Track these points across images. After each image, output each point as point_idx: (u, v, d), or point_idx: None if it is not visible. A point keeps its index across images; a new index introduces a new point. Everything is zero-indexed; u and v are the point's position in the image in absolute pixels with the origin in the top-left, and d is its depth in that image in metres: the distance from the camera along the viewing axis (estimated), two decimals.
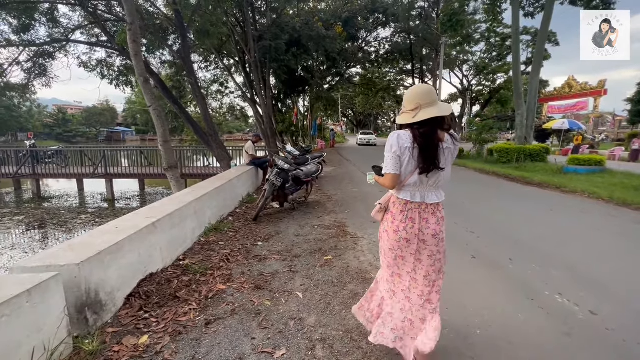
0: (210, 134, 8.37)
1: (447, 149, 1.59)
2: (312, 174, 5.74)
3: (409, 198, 1.64)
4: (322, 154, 9.24)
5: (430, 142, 1.54)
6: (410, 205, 1.65)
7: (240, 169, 6.98)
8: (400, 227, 1.66)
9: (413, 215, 1.64)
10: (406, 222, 1.65)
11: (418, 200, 1.64)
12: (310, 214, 5.32)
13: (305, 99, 24.89)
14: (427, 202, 1.64)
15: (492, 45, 35.56)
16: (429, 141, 1.54)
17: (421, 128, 1.54)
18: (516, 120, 12.87)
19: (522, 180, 8.61)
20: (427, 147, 1.54)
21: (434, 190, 1.66)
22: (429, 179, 1.60)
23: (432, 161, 1.54)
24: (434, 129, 1.55)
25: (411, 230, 1.64)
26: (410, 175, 1.60)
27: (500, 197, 6.63)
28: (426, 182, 1.61)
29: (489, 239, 3.92)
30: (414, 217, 1.64)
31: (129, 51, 5.01)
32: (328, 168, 11.15)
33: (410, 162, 1.57)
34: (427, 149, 1.54)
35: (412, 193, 1.64)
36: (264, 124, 13.07)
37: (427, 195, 1.64)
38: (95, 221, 8.47)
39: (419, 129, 1.54)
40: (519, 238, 3.98)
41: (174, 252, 3.28)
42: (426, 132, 1.53)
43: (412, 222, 1.64)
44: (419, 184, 1.61)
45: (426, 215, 1.65)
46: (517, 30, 12.03)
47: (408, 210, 1.65)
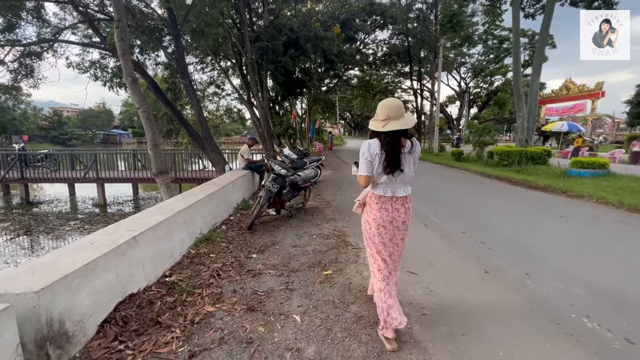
0: (205, 137, 8.08)
1: (408, 153, 1.98)
2: (310, 179, 5.47)
3: (382, 193, 2.05)
4: (320, 158, 8.98)
5: (393, 149, 1.94)
6: (384, 198, 2.05)
7: (236, 173, 6.70)
8: (377, 216, 2.06)
9: (387, 207, 2.05)
10: (381, 212, 2.05)
11: (389, 195, 2.04)
12: (309, 221, 5.04)
13: (302, 101, 24.67)
14: (397, 195, 2.05)
15: (490, 47, 35.67)
16: (393, 148, 1.94)
17: (387, 137, 1.93)
18: (517, 122, 12.69)
19: (526, 184, 8.39)
20: (391, 153, 1.94)
21: (402, 186, 2.07)
22: (395, 178, 2.00)
23: (395, 164, 1.94)
24: (398, 138, 1.94)
25: (386, 219, 2.04)
26: (381, 175, 2.00)
27: (507, 203, 6.38)
28: (394, 180, 2.01)
29: (500, 251, 3.66)
30: (388, 208, 2.05)
31: (117, 50, 4.73)
32: (326, 172, 10.89)
33: (380, 165, 1.97)
34: (391, 154, 1.94)
35: (384, 189, 2.04)
36: (260, 126, 12.79)
37: (396, 190, 2.05)
38: (84, 228, 8.13)
39: (386, 138, 1.94)
40: (532, 249, 3.72)
41: (159, 267, 2.99)
42: (391, 140, 1.93)
43: (387, 211, 2.05)
44: (389, 181, 2.02)
45: (397, 206, 2.06)
46: (517, 32, 11.87)
47: (382, 203, 2.06)
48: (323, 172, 10.17)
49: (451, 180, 9.59)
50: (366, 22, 20.99)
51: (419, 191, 7.10)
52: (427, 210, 5.48)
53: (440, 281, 2.92)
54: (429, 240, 4.03)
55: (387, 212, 2.05)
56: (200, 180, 10.07)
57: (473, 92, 41.96)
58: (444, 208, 5.57)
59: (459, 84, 41.41)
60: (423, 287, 2.82)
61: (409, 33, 22.79)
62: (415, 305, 2.51)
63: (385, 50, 27.50)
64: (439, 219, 4.96)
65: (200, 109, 8.01)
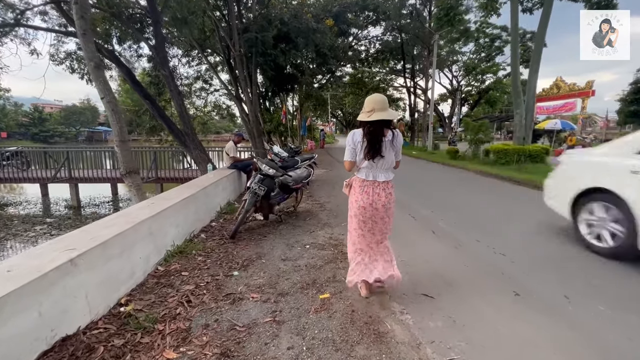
0: (187, 133, 7.39)
1: (389, 141, 2.22)
2: (302, 179, 4.89)
3: (364, 177, 2.30)
4: (313, 156, 8.39)
5: (375, 137, 2.19)
6: (366, 182, 2.30)
7: (220, 173, 6.06)
8: (359, 198, 2.30)
9: (368, 190, 2.29)
10: (362, 195, 2.29)
11: (371, 179, 2.29)
12: (300, 227, 4.46)
13: (294, 98, 24.01)
14: (378, 180, 2.29)
15: (481, 46, 35.64)
16: (375, 136, 2.19)
17: (371, 127, 2.19)
18: (515, 119, 12.36)
19: (529, 183, 7.97)
20: (373, 141, 2.18)
21: (383, 172, 2.29)
22: (376, 163, 2.23)
23: (376, 150, 2.18)
24: (381, 128, 2.19)
25: (367, 201, 2.28)
26: (363, 161, 2.24)
27: (516, 205, 5.92)
28: (375, 165, 2.24)
29: (525, 265, 3.15)
30: (369, 192, 2.28)
31: (76, 29, 4.05)
32: (319, 170, 10.32)
33: (362, 152, 2.23)
34: (373, 142, 2.18)
35: (366, 173, 2.29)
36: (249, 122, 12.12)
37: (377, 175, 2.29)
38: (52, 233, 7.37)
39: (370, 127, 2.19)
40: (560, 262, 3.22)
41: (111, 295, 2.36)
42: (374, 130, 2.18)
43: (367, 195, 2.28)
44: (370, 167, 2.26)
45: (378, 190, 2.29)
46: (515, 26, 11.50)
47: (364, 186, 2.30)
48: (316, 171, 9.58)
49: (451, 180, 9.13)
50: (359, 17, 20.44)
51: (420, 192, 6.62)
52: (433, 215, 4.96)
53: (463, 307, 2.38)
54: (441, 252, 3.50)
55: (367, 195, 2.29)
56: (183, 179, 9.37)
57: (465, 90, 42.07)
58: (451, 212, 5.06)
59: (451, 82, 41.41)
60: (444, 316, 2.27)
61: (403, 29, 22.34)
62: (438, 345, 1.96)
63: (378, 47, 27.07)
64: (448, 224, 4.44)
65: (181, 102, 7.32)
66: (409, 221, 4.66)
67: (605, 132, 27.66)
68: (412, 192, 6.79)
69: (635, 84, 17.72)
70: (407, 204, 5.67)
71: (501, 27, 32.47)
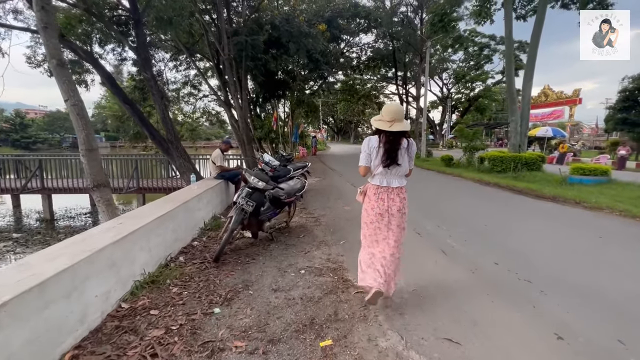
0: (170, 140, 6.83)
1: (404, 149, 2.31)
2: (296, 192, 4.41)
3: (378, 184, 2.38)
4: (306, 164, 7.95)
5: (394, 146, 2.28)
6: (380, 189, 2.38)
7: (204, 184, 5.53)
8: (375, 205, 2.38)
9: (383, 196, 2.37)
10: (378, 202, 2.37)
11: (385, 185, 2.37)
12: (294, 247, 3.97)
13: (285, 104, 23.62)
14: (392, 186, 2.37)
15: (470, 54, 36.17)
16: (394, 145, 2.28)
17: (391, 135, 2.28)
18: (510, 127, 12.20)
19: (530, 192, 7.68)
20: (391, 149, 2.28)
21: (397, 178, 2.39)
22: (391, 170, 2.33)
23: (392, 159, 2.29)
24: (399, 138, 2.30)
25: (383, 207, 2.36)
26: (377, 167, 2.34)
27: (523, 217, 5.56)
28: (389, 172, 2.34)
29: (557, 293, 2.72)
30: (384, 198, 2.37)
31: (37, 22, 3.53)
32: (312, 179, 9.85)
33: (377, 158, 2.32)
34: (391, 150, 2.28)
35: (380, 179, 2.38)
36: (239, 129, 11.61)
37: (391, 182, 2.37)
38: (16, 251, 6.66)
39: (389, 136, 2.29)
40: (598, 291, 2.81)
41: (50, 351, 1.82)
42: (394, 139, 2.29)
43: (382, 201, 2.37)
44: (385, 173, 2.35)
45: (392, 196, 2.37)
46: (510, 33, 11.40)
47: (379, 193, 2.38)
48: (309, 180, 9.12)
49: (451, 189, 8.79)
50: (350, 24, 20.30)
51: (422, 203, 6.17)
52: (439, 230, 4.53)
53: (498, 357, 1.92)
54: (457, 277, 3.05)
55: (383, 201, 2.35)
56: (168, 190, 8.78)
57: (455, 97, 42.56)
58: (458, 227, 4.64)
59: (441, 89, 41.91)
60: None
61: (395, 36, 22.30)
62: None
63: (370, 54, 27.06)
64: (457, 242, 4.01)
65: (165, 107, 6.77)
66: (414, 238, 4.22)
67: (594, 139, 28.15)
68: (412, 202, 6.36)
69: (624, 92, 17.93)
70: (410, 217, 5.24)
71: (489, 36, 33.11)
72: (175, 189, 7.73)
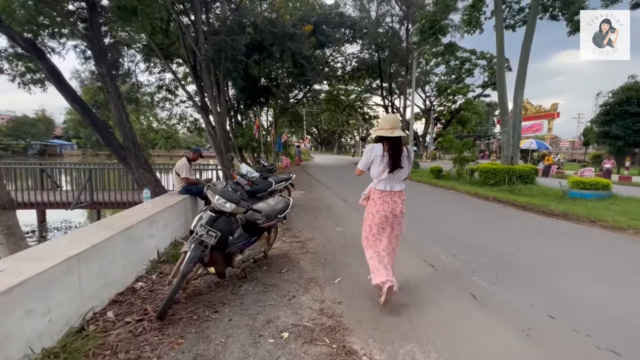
0: (128, 147, 5.68)
1: (405, 156, 2.55)
2: (277, 213, 3.45)
3: (382, 188, 2.56)
4: (290, 176, 6.99)
5: (397, 151, 2.50)
6: (384, 193, 2.56)
7: (162, 201, 4.45)
8: (380, 208, 2.56)
9: (387, 200, 2.56)
10: (384, 205, 2.56)
11: (389, 190, 2.56)
12: (274, 288, 2.98)
13: (268, 113, 22.72)
14: (394, 190, 2.57)
15: (452, 68, 36.90)
16: (397, 150, 2.50)
17: (394, 142, 2.50)
18: (502, 138, 11.77)
19: (536, 209, 7.04)
20: (395, 154, 2.49)
21: (398, 183, 2.60)
22: (394, 175, 2.53)
23: (396, 162, 2.49)
24: (400, 143, 2.52)
25: (388, 209, 2.56)
26: (382, 173, 2.52)
27: (547, 240, 4.81)
28: (393, 177, 2.55)
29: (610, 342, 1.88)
30: (388, 201, 2.56)
31: None
32: (297, 192, 8.89)
33: (380, 165, 2.52)
34: (395, 155, 2.49)
35: (384, 185, 2.55)
36: (216, 136, 10.53)
37: (394, 186, 2.57)
38: None
39: (392, 143, 2.50)
40: None
41: None
42: (397, 144, 2.50)
43: (387, 204, 2.56)
44: (388, 179, 2.55)
45: (395, 199, 2.57)
46: (501, 42, 11.08)
47: (384, 197, 2.56)
48: (293, 193, 8.15)
49: (448, 204, 8.05)
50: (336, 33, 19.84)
51: (424, 223, 5.24)
52: (457, 261, 3.66)
53: None
54: (505, 346, 2.14)
55: (387, 204, 2.55)
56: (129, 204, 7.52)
57: (437, 110, 43.16)
58: (478, 256, 3.79)
59: (424, 101, 42.40)
60: None
61: (381, 45, 22.04)
62: None
63: (354, 65, 26.79)
64: (486, 279, 3.14)
65: (122, 108, 5.64)
66: (428, 273, 3.33)
67: (572, 152, 28.85)
68: (414, 221, 5.54)
69: (605, 105, 18.24)
70: (415, 241, 4.37)
71: (470, 51, 33.90)
72: (136, 202, 6.52)
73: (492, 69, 36.29)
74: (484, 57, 35.96)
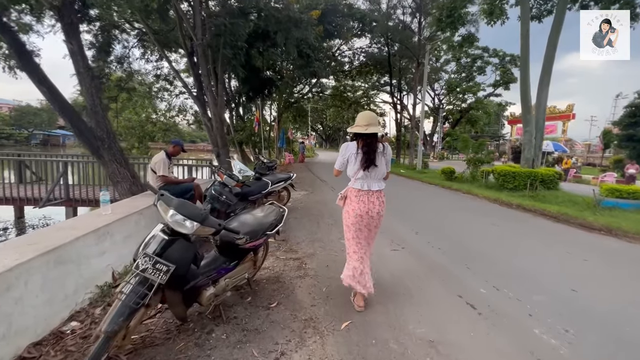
0: (101, 138, 4.85)
1: (380, 153, 2.44)
2: (266, 230, 2.59)
3: (359, 187, 2.46)
4: (290, 175, 6.15)
5: (371, 148, 2.41)
6: (361, 192, 2.45)
7: (130, 205, 3.63)
8: (356, 207, 2.45)
9: (364, 199, 2.44)
10: (359, 204, 2.44)
11: (365, 189, 2.45)
12: (257, 336, 2.13)
13: (272, 107, 21.86)
14: (372, 189, 2.45)
15: (462, 65, 35.68)
16: (371, 147, 2.41)
17: (368, 139, 2.41)
18: (524, 138, 10.80)
19: (570, 220, 6.11)
20: (369, 151, 2.40)
21: (376, 182, 2.48)
22: (370, 173, 2.42)
23: (370, 160, 2.39)
24: (375, 140, 2.43)
25: (363, 209, 2.43)
26: (357, 171, 2.43)
27: (594, 264, 3.92)
28: (369, 175, 2.43)
29: None
30: (364, 200, 2.44)
31: None
32: (298, 193, 8.05)
33: (355, 163, 2.43)
34: (369, 152, 2.40)
35: (362, 183, 2.45)
36: (212, 128, 9.72)
37: (371, 185, 2.46)
38: None
39: (366, 140, 2.41)
40: None
41: None
42: (370, 141, 2.41)
43: (364, 203, 2.44)
44: (365, 177, 2.44)
45: (372, 199, 2.45)
46: (527, 33, 10.07)
47: (360, 196, 2.45)
48: (294, 194, 7.32)
49: (470, 214, 7.15)
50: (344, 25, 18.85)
51: (448, 239, 4.23)
52: (505, 299, 2.78)
53: None
54: None
55: (364, 204, 2.43)
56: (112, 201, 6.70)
57: (446, 108, 41.95)
58: (530, 293, 2.87)
59: (433, 100, 41.19)
60: None
61: (392, 38, 21.00)
62: None
63: (362, 60, 25.79)
64: (555, 335, 2.24)
65: (95, 92, 4.79)
66: (468, 316, 2.47)
67: (587, 156, 27.59)
68: (437, 237, 4.68)
69: (631, 107, 17.09)
70: (440, 265, 3.50)
71: (482, 48, 32.69)
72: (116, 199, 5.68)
73: (505, 67, 35.07)
74: (496, 54, 34.66)
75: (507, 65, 34.05)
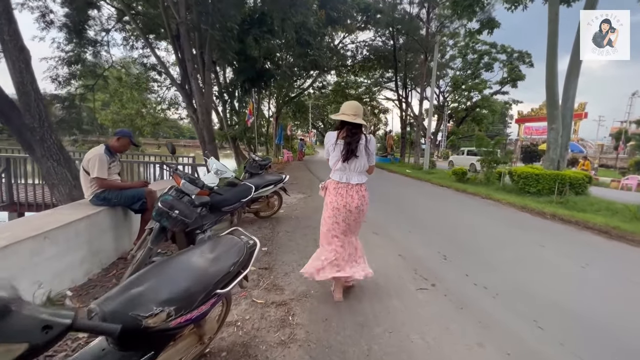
0: (32, 128, 3.69)
1: (363, 145, 2.32)
2: (216, 286, 1.42)
3: (338, 179, 2.40)
4: (282, 177, 5.01)
5: (354, 139, 2.30)
6: (340, 184, 2.40)
7: (44, 220, 2.48)
8: (333, 199, 2.40)
9: (342, 192, 2.38)
10: (337, 196, 2.39)
11: (344, 182, 2.38)
12: None
13: (270, 102, 20.68)
14: (351, 182, 2.38)
15: (468, 62, 34.41)
16: (354, 137, 2.30)
17: (353, 129, 2.31)
18: (549, 136, 9.62)
19: (625, 236, 4.96)
20: (351, 142, 2.29)
21: (356, 175, 2.39)
22: (349, 165, 2.33)
23: (351, 151, 2.29)
24: (359, 130, 2.33)
25: (340, 202, 2.37)
26: (337, 163, 2.37)
27: None
28: (348, 167, 2.35)
29: None
30: (342, 194, 2.38)
31: None
32: (293, 197, 6.90)
33: (335, 152, 2.35)
34: (350, 143, 2.29)
35: (340, 176, 2.40)
36: (197, 121, 8.57)
37: (351, 178, 2.38)
38: None
39: (352, 129, 2.31)
40: None
41: None
42: (355, 132, 2.31)
43: (341, 196, 2.37)
44: (344, 169, 2.38)
45: (351, 192, 2.38)
46: (556, 16, 8.89)
47: (338, 188, 2.40)
48: (288, 199, 6.18)
49: (501, 225, 6.00)
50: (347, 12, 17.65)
51: (481, 258, 3.05)
52: None
53: None
54: None
55: (341, 197, 2.37)
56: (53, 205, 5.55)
57: (451, 106, 40.73)
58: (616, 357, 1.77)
59: (438, 97, 39.95)
60: None
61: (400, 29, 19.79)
62: None
63: (365, 54, 24.61)
64: None
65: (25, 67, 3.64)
66: None
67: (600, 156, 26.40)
68: (465, 260, 3.55)
69: None
70: (473, 298, 2.35)
71: (490, 44, 31.45)
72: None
73: (512, 63, 33.80)
74: (504, 50, 33.39)
75: (515, 62, 32.88)
